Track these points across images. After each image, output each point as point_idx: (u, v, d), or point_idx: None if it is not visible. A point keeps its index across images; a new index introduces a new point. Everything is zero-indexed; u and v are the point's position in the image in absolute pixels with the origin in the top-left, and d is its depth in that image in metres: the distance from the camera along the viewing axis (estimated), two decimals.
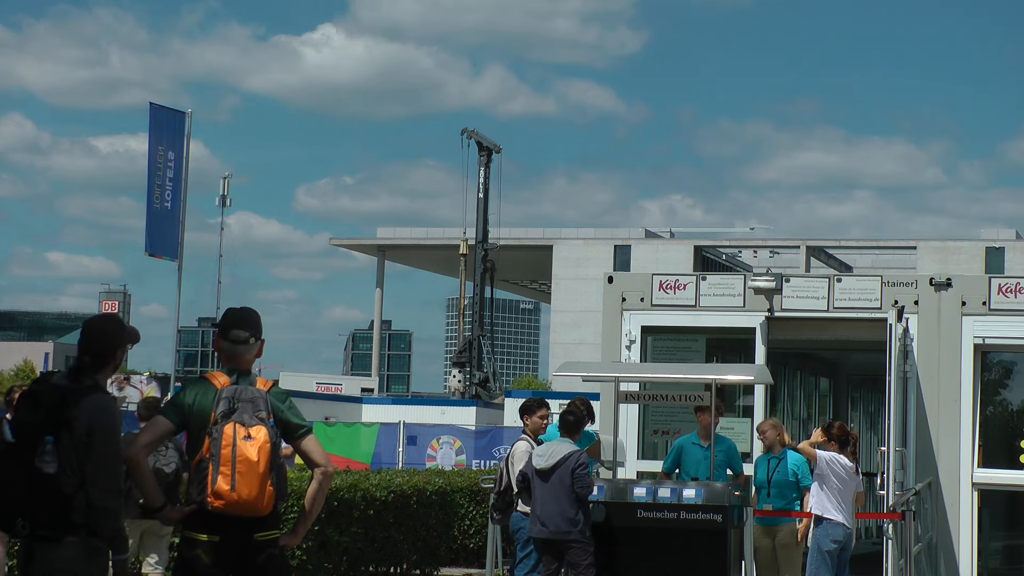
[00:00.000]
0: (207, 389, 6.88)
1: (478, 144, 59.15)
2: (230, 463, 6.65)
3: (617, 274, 16.95)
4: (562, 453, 11.96)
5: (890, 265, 66.13)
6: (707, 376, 14.41)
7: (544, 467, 11.93)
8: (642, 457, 15.98)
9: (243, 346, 7.04)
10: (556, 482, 11.85)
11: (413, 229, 78.50)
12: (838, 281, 15.97)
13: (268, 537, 6.79)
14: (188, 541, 6.82)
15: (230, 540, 6.75)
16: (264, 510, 6.73)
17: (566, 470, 11.85)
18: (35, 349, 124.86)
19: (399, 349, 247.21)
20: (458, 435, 29.88)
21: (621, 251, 66.31)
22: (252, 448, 6.69)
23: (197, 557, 6.77)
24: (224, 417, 6.74)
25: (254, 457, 6.68)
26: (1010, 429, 16.04)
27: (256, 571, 6.80)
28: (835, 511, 12.43)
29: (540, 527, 11.95)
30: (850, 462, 12.71)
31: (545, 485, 11.90)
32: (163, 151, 34.70)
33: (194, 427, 6.82)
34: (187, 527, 6.84)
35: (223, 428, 6.70)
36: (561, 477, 11.85)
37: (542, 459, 12.01)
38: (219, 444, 6.68)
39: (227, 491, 6.64)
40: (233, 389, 6.84)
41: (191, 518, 6.80)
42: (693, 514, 12.32)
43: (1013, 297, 15.35)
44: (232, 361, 7.04)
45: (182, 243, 35.25)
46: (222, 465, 6.65)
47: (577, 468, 11.85)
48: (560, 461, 11.89)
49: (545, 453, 12.06)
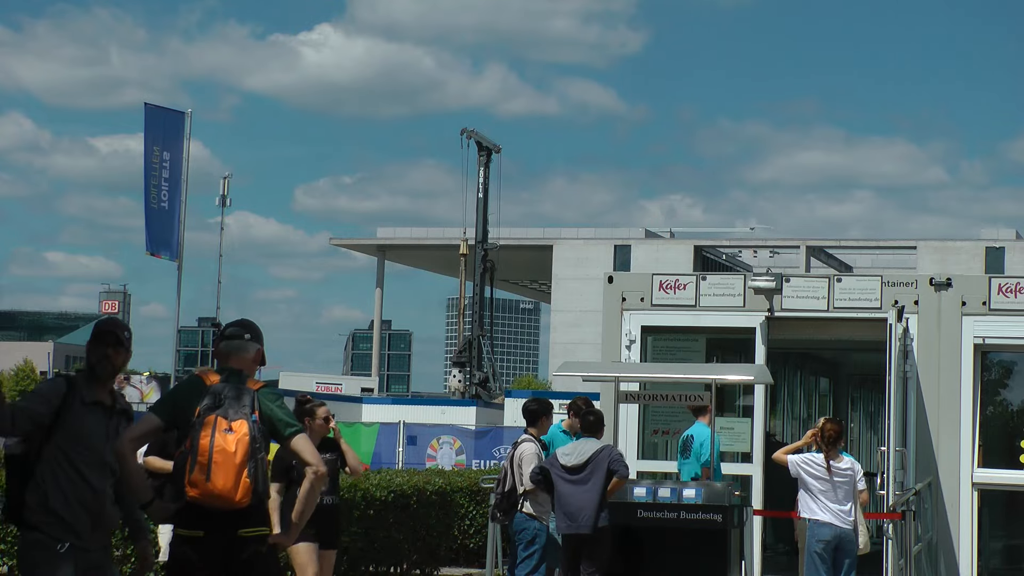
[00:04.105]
0: (197, 386, 6.88)
1: (478, 144, 59.13)
2: (207, 453, 6.64)
3: (617, 274, 16.94)
4: (593, 449, 12.01)
5: (890, 265, 66.14)
6: (707, 376, 14.42)
7: (576, 464, 11.94)
8: (642, 457, 15.97)
9: (237, 342, 7.06)
10: (589, 477, 11.88)
11: (413, 229, 78.50)
12: (838, 281, 15.97)
13: (253, 534, 6.78)
14: (176, 537, 6.83)
15: (213, 535, 6.74)
16: (240, 502, 6.69)
17: (601, 464, 11.89)
18: (35, 349, 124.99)
19: (399, 349, 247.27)
20: (458, 435, 29.89)
21: (621, 251, 66.29)
22: (231, 439, 6.68)
23: (184, 553, 6.79)
24: (208, 411, 6.75)
25: (231, 448, 6.66)
26: (1010, 429, 16.03)
27: (242, 568, 6.78)
28: (820, 511, 12.39)
29: (569, 523, 11.96)
30: (822, 458, 12.64)
31: (573, 482, 11.92)
32: (159, 151, 34.71)
33: (182, 423, 6.82)
34: (176, 524, 6.85)
35: (204, 419, 6.71)
36: (595, 471, 11.87)
37: (570, 456, 12.03)
38: (198, 435, 6.68)
39: (202, 480, 6.62)
40: (222, 386, 6.85)
41: (179, 514, 6.80)
42: (693, 514, 12.32)
43: (1013, 297, 15.35)
44: (226, 361, 7.05)
45: (182, 243, 35.26)
46: (199, 455, 6.64)
47: (615, 456, 11.98)
48: (593, 456, 11.94)
49: (572, 451, 12.08)
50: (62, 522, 6.76)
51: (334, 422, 11.34)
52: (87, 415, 6.89)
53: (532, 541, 12.34)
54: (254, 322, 7.26)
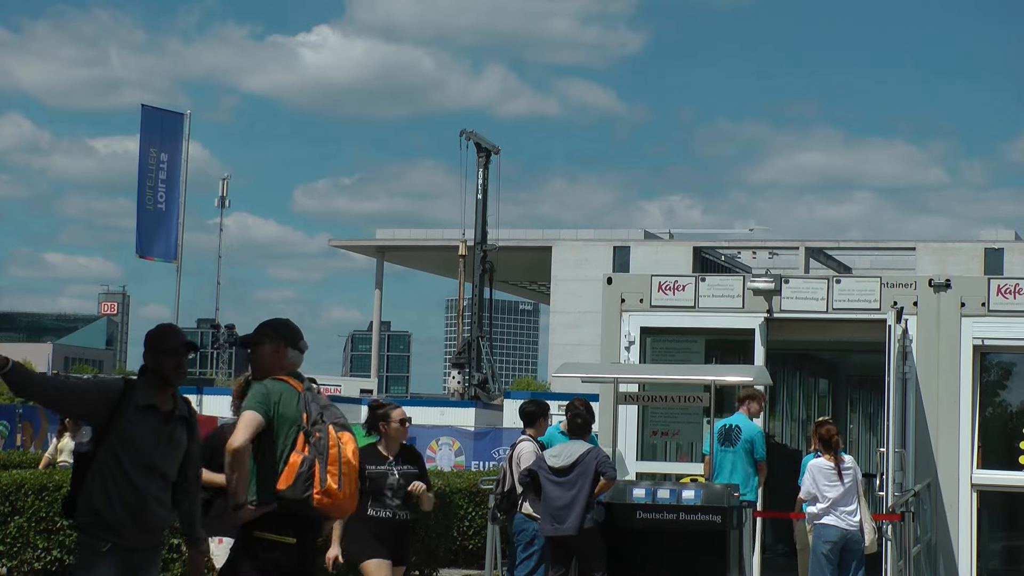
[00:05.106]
0: (288, 390, 6.98)
1: (477, 145, 59.14)
2: (337, 463, 6.75)
3: (616, 275, 16.93)
4: (580, 451, 12.01)
5: (889, 266, 66.23)
6: (706, 377, 14.41)
7: (562, 465, 11.94)
8: (641, 458, 15.96)
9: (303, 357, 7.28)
10: (576, 479, 11.88)
11: (412, 230, 78.57)
12: (837, 282, 15.96)
13: (321, 543, 6.87)
14: (264, 543, 6.78)
15: (303, 542, 6.78)
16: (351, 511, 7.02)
17: (588, 466, 11.89)
18: (34, 350, 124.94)
19: (398, 350, 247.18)
20: (457, 436, 29.90)
21: (620, 252, 66.37)
22: (350, 451, 6.86)
23: (275, 559, 6.76)
24: (321, 420, 6.86)
25: (354, 460, 6.86)
26: (1009, 430, 16.02)
27: (309, 574, 6.89)
28: (827, 513, 12.41)
29: (554, 525, 11.96)
30: (828, 462, 12.67)
31: (560, 484, 11.91)
32: (155, 152, 34.69)
33: (279, 425, 6.87)
34: (261, 528, 6.82)
35: (325, 428, 6.82)
36: (582, 473, 11.87)
37: (558, 458, 12.03)
38: (325, 444, 6.78)
39: (335, 490, 6.74)
40: (312, 394, 7.00)
41: (264, 518, 6.80)
42: (692, 515, 12.31)
43: (1012, 298, 15.34)
44: (294, 367, 7.17)
45: (181, 244, 35.24)
46: (330, 465, 6.74)
47: (601, 459, 11.98)
48: (580, 458, 11.94)
49: (560, 453, 12.09)
50: (103, 522, 6.75)
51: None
52: (138, 418, 6.86)
53: (531, 542, 12.33)
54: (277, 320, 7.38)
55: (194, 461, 7.02)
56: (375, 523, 9.91)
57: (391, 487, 9.97)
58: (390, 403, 10.63)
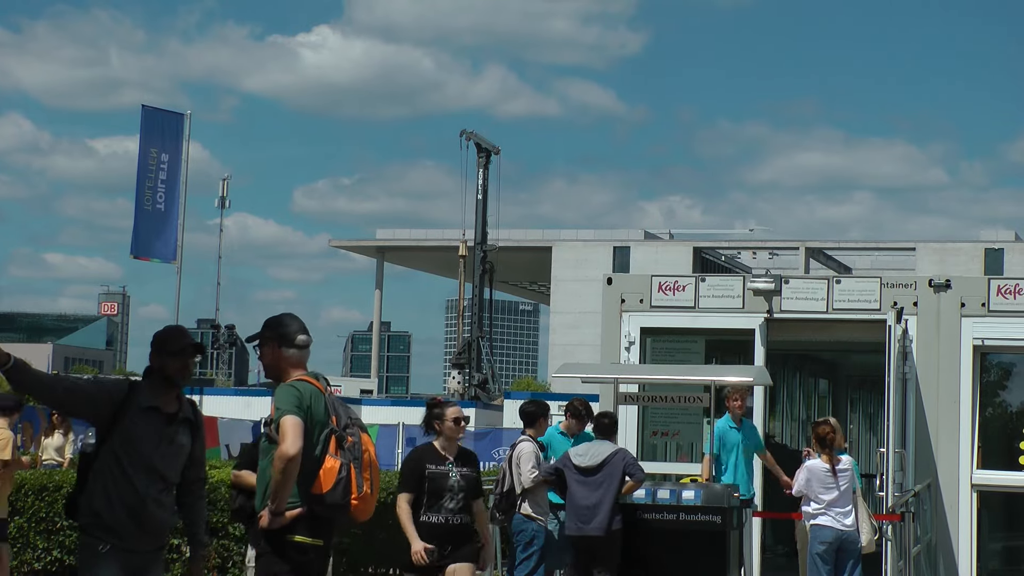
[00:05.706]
0: (315, 392, 6.98)
1: (477, 145, 59.10)
2: (369, 469, 6.87)
3: (616, 275, 16.93)
4: (607, 451, 12.02)
5: (889, 266, 66.23)
6: (706, 377, 14.41)
7: (589, 465, 11.94)
8: (641, 458, 15.94)
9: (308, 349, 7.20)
10: (603, 480, 11.89)
11: (412, 231, 78.55)
12: (837, 282, 15.96)
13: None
14: (298, 546, 6.80)
15: (328, 543, 6.91)
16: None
17: (616, 466, 11.90)
18: (34, 351, 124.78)
19: (398, 351, 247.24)
20: None
21: (620, 252, 66.36)
22: (373, 453, 6.98)
23: (308, 562, 6.79)
24: (348, 423, 6.92)
25: (376, 463, 6.98)
26: (1009, 430, 16.01)
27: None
28: (822, 514, 12.40)
29: (578, 525, 11.96)
30: (825, 463, 12.64)
31: (586, 483, 11.91)
32: (156, 153, 34.66)
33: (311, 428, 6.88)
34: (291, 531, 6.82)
35: (359, 434, 6.90)
36: (610, 474, 11.88)
37: (583, 458, 12.03)
38: (359, 449, 6.86)
39: (369, 495, 6.86)
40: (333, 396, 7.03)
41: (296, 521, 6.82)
42: (692, 515, 12.32)
43: (1012, 299, 15.34)
44: (301, 362, 7.14)
45: (181, 245, 35.22)
46: (364, 470, 6.84)
47: (629, 460, 12.03)
48: (607, 459, 11.95)
49: (587, 452, 12.09)
50: (103, 523, 6.75)
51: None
52: (141, 419, 6.85)
53: (531, 542, 12.33)
54: (272, 317, 7.33)
55: (198, 463, 7.01)
56: (424, 528, 9.63)
57: (451, 488, 9.62)
58: (447, 401, 10.33)
